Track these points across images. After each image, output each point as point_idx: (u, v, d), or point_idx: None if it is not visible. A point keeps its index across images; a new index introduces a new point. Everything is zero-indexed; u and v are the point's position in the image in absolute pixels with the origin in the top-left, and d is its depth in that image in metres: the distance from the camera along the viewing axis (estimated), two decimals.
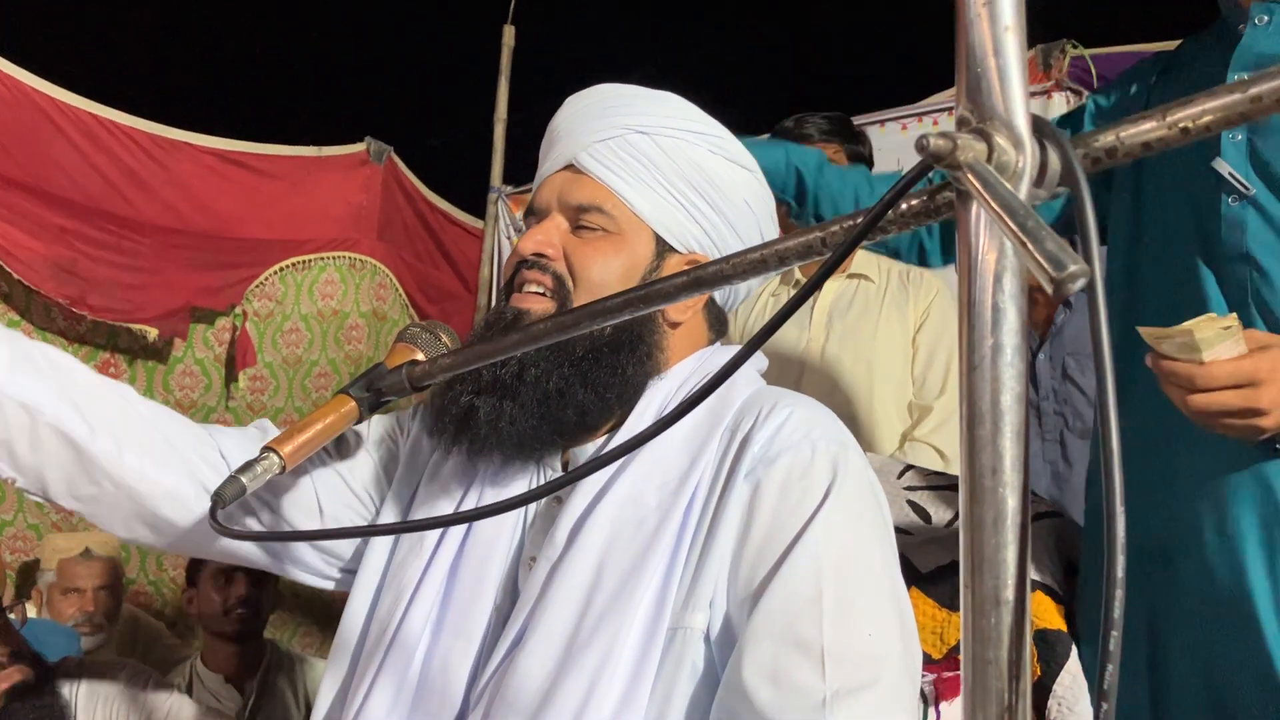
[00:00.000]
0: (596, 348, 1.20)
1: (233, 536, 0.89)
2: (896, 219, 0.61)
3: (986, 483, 0.53)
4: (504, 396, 1.17)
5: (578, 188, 1.24)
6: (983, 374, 0.53)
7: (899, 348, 2.60)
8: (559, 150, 1.27)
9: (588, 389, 1.19)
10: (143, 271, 3.88)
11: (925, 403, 2.55)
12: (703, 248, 1.26)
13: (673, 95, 1.29)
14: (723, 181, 1.26)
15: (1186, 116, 0.51)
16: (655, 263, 1.24)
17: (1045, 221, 0.48)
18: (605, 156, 1.23)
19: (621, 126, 1.24)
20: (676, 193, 1.24)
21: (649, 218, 1.23)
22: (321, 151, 4.51)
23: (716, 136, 1.27)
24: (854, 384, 2.56)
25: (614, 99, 1.28)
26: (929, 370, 2.57)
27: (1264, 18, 1.45)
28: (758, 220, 1.31)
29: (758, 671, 1.01)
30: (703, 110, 1.30)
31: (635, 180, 1.23)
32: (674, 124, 1.25)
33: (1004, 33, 0.53)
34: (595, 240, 1.23)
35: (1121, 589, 0.49)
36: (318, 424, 1.01)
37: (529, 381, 1.17)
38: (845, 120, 2.75)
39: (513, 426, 1.17)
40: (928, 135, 0.51)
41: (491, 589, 1.19)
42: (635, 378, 1.21)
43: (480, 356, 1.04)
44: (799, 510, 1.09)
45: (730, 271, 0.70)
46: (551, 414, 1.18)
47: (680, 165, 1.24)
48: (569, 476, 0.80)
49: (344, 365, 4.58)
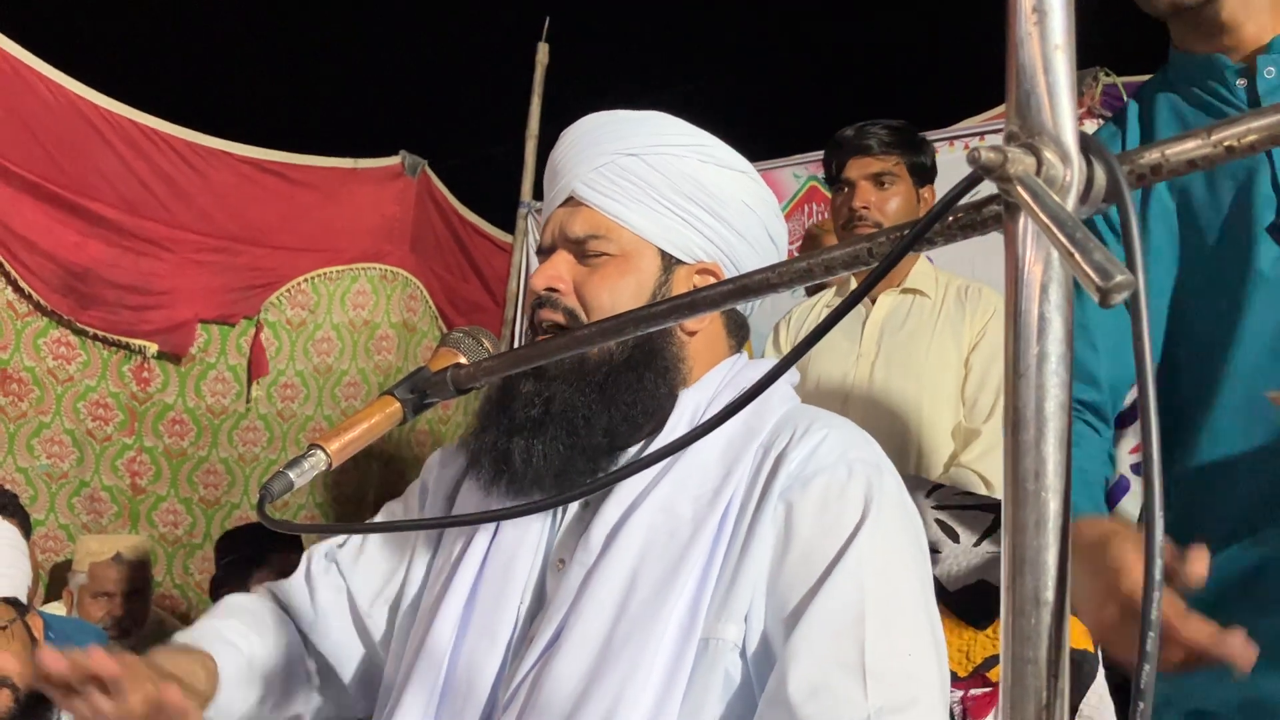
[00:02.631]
0: (614, 369, 1.22)
1: (282, 529, 0.91)
2: (943, 231, 0.62)
3: (1029, 486, 0.55)
4: (534, 435, 1.20)
5: (577, 220, 1.27)
6: (1028, 381, 0.55)
7: (952, 367, 2.52)
8: (559, 185, 1.31)
9: (613, 410, 1.21)
10: (152, 293, 3.93)
11: (974, 425, 2.47)
12: (709, 255, 1.28)
13: (657, 114, 1.31)
14: (716, 187, 1.28)
15: (1231, 135, 0.52)
16: (664, 277, 1.26)
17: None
18: (599, 184, 1.26)
19: (611, 152, 1.26)
20: (673, 206, 1.26)
21: (650, 235, 1.26)
22: (357, 163, 4.55)
23: (704, 146, 1.29)
24: (903, 403, 2.50)
25: (603, 127, 1.30)
26: (981, 392, 2.48)
27: (1271, 70, 1.44)
28: (760, 219, 1.32)
29: (801, 688, 1.03)
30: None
31: (631, 201, 1.25)
32: (661, 141, 1.27)
33: (1054, 51, 0.55)
34: (602, 267, 1.25)
35: (1159, 591, 0.51)
36: (363, 423, 1.03)
37: (555, 415, 1.20)
38: (908, 129, 2.62)
39: (546, 463, 1.20)
40: (979, 148, 0.53)
41: (518, 590, 1.21)
42: (659, 391, 1.23)
43: (522, 361, 1.07)
44: (837, 530, 1.11)
45: (776, 280, 0.72)
46: (581, 443, 1.20)
47: (673, 179, 1.26)
48: (600, 481, 0.81)
49: (373, 375, 4.62)
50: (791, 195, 4.46)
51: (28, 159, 3.58)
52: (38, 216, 3.61)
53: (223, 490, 4.22)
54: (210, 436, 4.19)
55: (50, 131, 3.64)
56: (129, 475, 3.99)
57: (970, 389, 2.51)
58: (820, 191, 4.08)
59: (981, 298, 2.59)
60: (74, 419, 3.82)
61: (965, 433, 2.49)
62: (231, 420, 4.25)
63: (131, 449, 3.98)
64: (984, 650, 1.58)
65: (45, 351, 3.74)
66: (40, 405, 3.74)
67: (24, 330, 3.67)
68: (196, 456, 4.16)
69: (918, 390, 2.50)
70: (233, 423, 4.25)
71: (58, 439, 3.78)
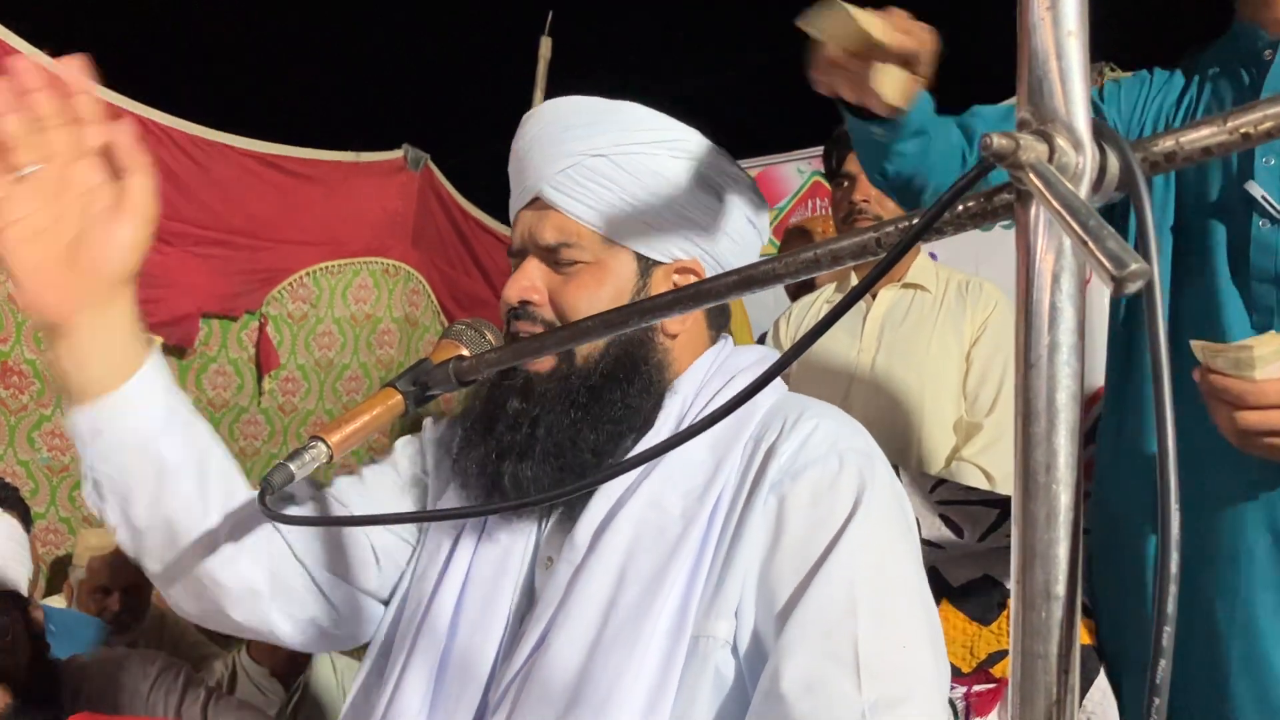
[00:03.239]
0: (595, 386, 1.20)
1: (281, 521, 0.90)
2: (953, 220, 0.62)
3: (1040, 479, 0.54)
4: (521, 458, 1.19)
5: (547, 225, 1.23)
6: (1039, 371, 0.54)
7: (953, 362, 2.52)
8: (525, 182, 1.26)
9: (597, 430, 1.19)
10: (155, 286, 3.91)
11: (975, 419, 2.47)
12: (687, 253, 1.26)
13: (625, 105, 1.26)
14: (690, 183, 1.24)
15: (1248, 122, 0.51)
16: (641, 281, 1.24)
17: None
18: (566, 186, 1.22)
19: (578, 153, 1.22)
20: (645, 207, 1.22)
21: (623, 239, 1.23)
22: (359, 157, 4.54)
23: (675, 140, 1.25)
24: (904, 397, 2.49)
25: (569, 121, 1.25)
26: (982, 386, 2.48)
27: None
28: (739, 208, 1.29)
29: (795, 683, 1.01)
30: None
31: (601, 204, 1.21)
32: (629, 138, 1.23)
33: (1067, 37, 0.54)
34: (576, 275, 1.22)
35: (1175, 585, 0.50)
36: (365, 415, 1.02)
37: (540, 438, 1.19)
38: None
39: (536, 485, 1.18)
40: (991, 135, 0.52)
41: (508, 588, 1.19)
42: (644, 404, 1.22)
43: (524, 353, 1.06)
44: (828, 523, 1.10)
45: (783, 270, 0.71)
46: (568, 463, 1.19)
47: (643, 179, 1.22)
48: (585, 484, 0.81)
49: (375, 369, 4.62)
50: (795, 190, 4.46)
51: None
52: None
53: None
54: None
55: None
56: None
57: (972, 383, 2.51)
58: (824, 186, 4.07)
59: (983, 292, 2.59)
60: None
61: (967, 427, 2.48)
62: (233, 414, 4.25)
63: None
64: (988, 646, 1.57)
65: (46, 344, 3.73)
66: (41, 398, 3.73)
67: (25, 322, 3.67)
68: None
69: (919, 385, 2.50)
70: (234, 416, 4.25)
71: (59, 432, 3.77)
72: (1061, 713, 0.53)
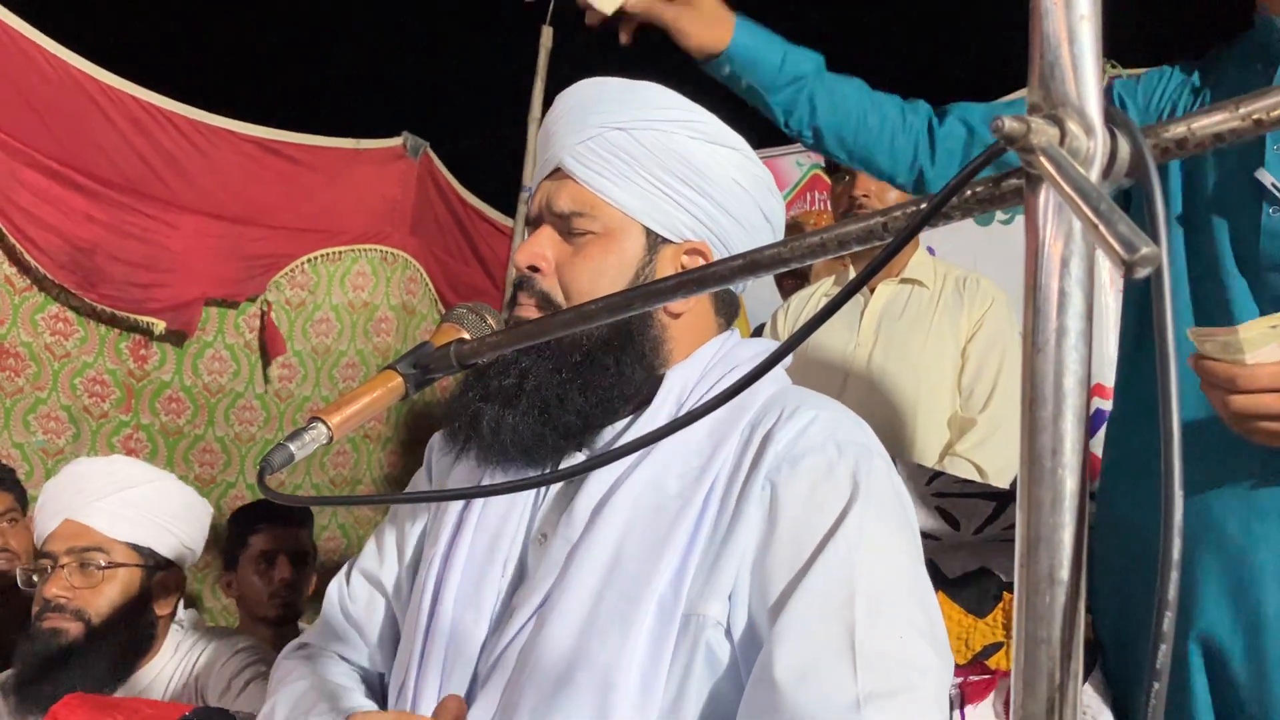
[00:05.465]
0: (591, 350, 1.21)
1: (283, 501, 0.90)
2: (961, 205, 0.61)
3: (1046, 464, 0.54)
4: (505, 406, 1.20)
5: (563, 193, 1.26)
6: (1046, 356, 0.54)
7: (949, 357, 2.53)
8: (549, 155, 1.30)
9: (586, 394, 1.21)
10: (159, 269, 3.91)
11: (970, 414, 2.48)
12: (696, 234, 1.27)
13: (651, 85, 1.29)
14: (705, 165, 1.26)
15: (1261, 108, 0.51)
16: (648, 257, 1.25)
17: None
18: (586, 157, 1.25)
19: (599, 125, 1.25)
20: (660, 184, 1.24)
21: (636, 213, 1.25)
22: (359, 144, 4.53)
23: (694, 121, 1.27)
24: (900, 392, 2.51)
25: (594, 97, 1.29)
26: (977, 382, 2.50)
27: None
28: (753, 197, 1.30)
29: (789, 671, 1.01)
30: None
31: (618, 177, 1.24)
32: (650, 115, 1.26)
33: (1080, 21, 0.54)
34: (585, 247, 1.24)
35: (1177, 571, 0.50)
36: (365, 397, 1.02)
37: (528, 390, 1.20)
38: None
39: (515, 435, 1.20)
40: (1002, 117, 0.52)
41: (500, 563, 1.21)
42: (635, 376, 1.23)
43: (525, 337, 1.05)
44: (825, 511, 1.10)
45: (789, 255, 0.71)
46: (552, 421, 1.20)
47: (660, 156, 1.24)
48: (584, 465, 0.81)
49: (373, 357, 4.61)
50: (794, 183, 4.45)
51: (28, 133, 3.56)
52: (41, 192, 3.59)
53: (219, 469, 4.21)
54: (207, 415, 4.18)
55: (50, 106, 3.62)
56: (125, 453, 3.96)
57: (967, 378, 2.52)
58: (823, 179, 4.07)
59: (980, 288, 2.60)
60: (71, 395, 3.80)
61: (961, 422, 2.50)
62: (228, 399, 4.24)
63: (128, 426, 3.97)
64: (983, 638, 1.58)
65: (43, 327, 3.72)
66: (37, 381, 3.72)
67: (22, 305, 3.66)
68: (193, 435, 4.15)
69: (915, 379, 2.51)
70: (229, 401, 4.24)
71: (54, 415, 3.76)
72: (1064, 698, 0.53)
